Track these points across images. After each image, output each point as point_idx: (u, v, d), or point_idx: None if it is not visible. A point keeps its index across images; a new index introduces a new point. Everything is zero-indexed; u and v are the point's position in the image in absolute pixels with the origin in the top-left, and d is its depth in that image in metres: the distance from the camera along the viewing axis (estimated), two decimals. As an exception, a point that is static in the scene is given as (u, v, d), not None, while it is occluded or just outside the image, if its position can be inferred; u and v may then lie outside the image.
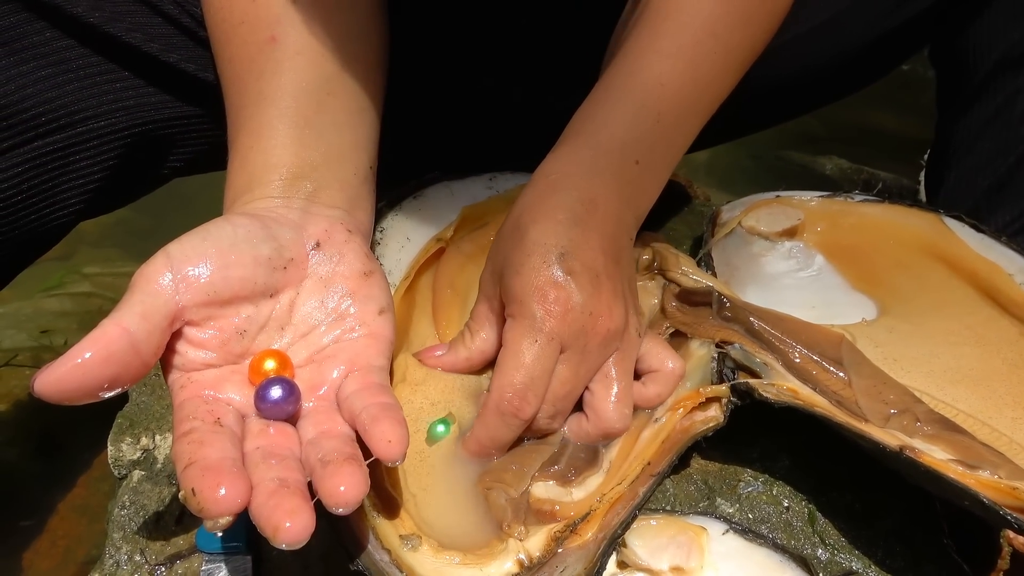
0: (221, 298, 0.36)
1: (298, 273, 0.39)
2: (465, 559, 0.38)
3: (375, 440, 0.32)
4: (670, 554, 0.40)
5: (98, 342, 0.32)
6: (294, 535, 0.29)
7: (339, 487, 0.30)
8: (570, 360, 0.41)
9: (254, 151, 0.41)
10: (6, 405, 0.83)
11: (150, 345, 0.33)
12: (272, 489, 0.30)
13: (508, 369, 0.40)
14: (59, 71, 0.47)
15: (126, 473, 0.50)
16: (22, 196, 0.48)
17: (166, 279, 0.34)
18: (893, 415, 0.43)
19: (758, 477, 0.46)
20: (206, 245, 0.36)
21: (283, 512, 0.29)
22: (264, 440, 0.34)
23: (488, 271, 0.44)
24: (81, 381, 0.31)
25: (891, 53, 0.70)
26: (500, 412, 0.40)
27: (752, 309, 0.47)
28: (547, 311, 0.40)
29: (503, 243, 0.43)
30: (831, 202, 0.57)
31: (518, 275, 0.40)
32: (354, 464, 0.32)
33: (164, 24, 0.51)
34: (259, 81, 0.42)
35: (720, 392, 0.44)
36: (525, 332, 0.40)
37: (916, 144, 1.19)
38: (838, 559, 0.43)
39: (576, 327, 0.40)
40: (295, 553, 0.45)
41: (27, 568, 0.68)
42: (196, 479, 0.30)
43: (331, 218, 0.41)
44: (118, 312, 0.33)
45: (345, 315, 0.39)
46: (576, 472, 0.42)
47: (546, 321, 0.39)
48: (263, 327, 0.38)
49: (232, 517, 0.30)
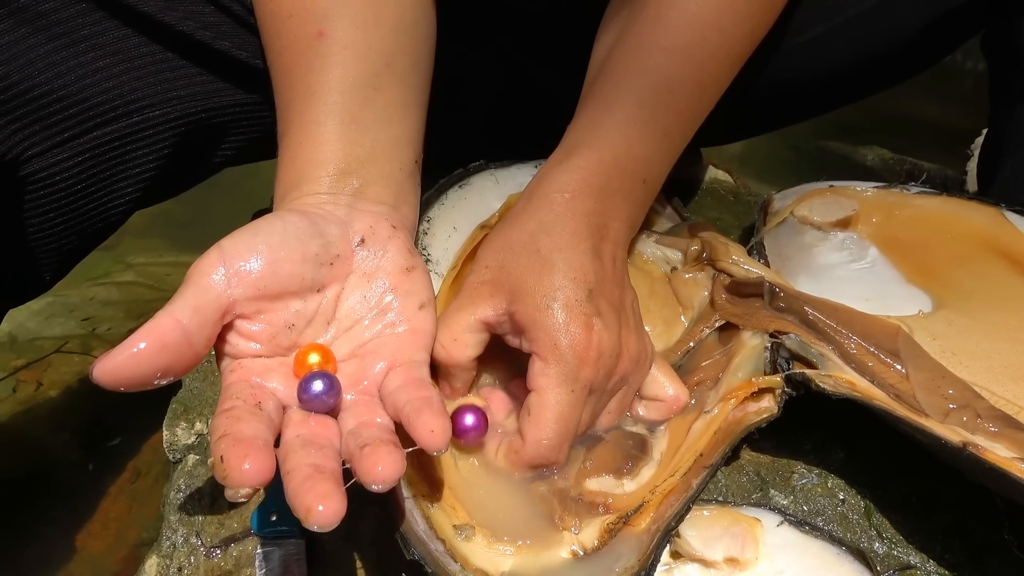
0: (271, 292, 0.37)
1: (344, 269, 0.40)
2: (519, 550, 0.38)
3: (419, 430, 0.33)
4: (724, 545, 0.40)
5: (152, 333, 0.33)
6: (325, 518, 0.30)
7: (376, 466, 0.31)
8: (591, 402, 0.41)
9: (303, 147, 0.42)
10: (57, 391, 0.85)
11: (202, 337, 0.34)
12: (307, 474, 0.31)
13: (546, 420, 0.39)
14: (115, 61, 0.48)
15: (181, 457, 0.51)
16: (82, 185, 0.49)
17: (219, 273, 0.35)
18: (953, 410, 0.42)
19: (812, 469, 0.46)
20: (257, 241, 0.37)
21: (315, 495, 0.30)
22: (304, 429, 0.35)
23: (483, 281, 0.42)
24: (136, 370, 0.32)
25: (943, 40, 0.68)
26: (535, 464, 0.40)
27: (806, 299, 0.47)
28: (582, 358, 0.39)
29: (516, 260, 0.42)
30: (886, 193, 0.56)
31: (548, 311, 0.40)
32: (391, 446, 0.33)
33: (215, 12, 0.52)
34: (307, 76, 0.43)
35: (773, 383, 0.44)
36: (562, 381, 0.39)
37: (958, 134, 1.16)
38: (895, 553, 0.42)
39: (605, 371, 0.40)
40: (347, 538, 0.46)
41: (80, 549, 0.70)
42: (226, 449, 0.31)
43: (376, 214, 0.42)
44: (172, 304, 0.34)
45: (387, 310, 0.40)
46: (633, 463, 0.42)
47: (582, 370, 0.39)
48: (310, 321, 0.39)
49: (251, 490, 0.31)
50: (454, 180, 0.54)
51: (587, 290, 0.40)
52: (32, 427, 0.82)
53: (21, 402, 0.84)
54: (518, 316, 0.41)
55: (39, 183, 0.47)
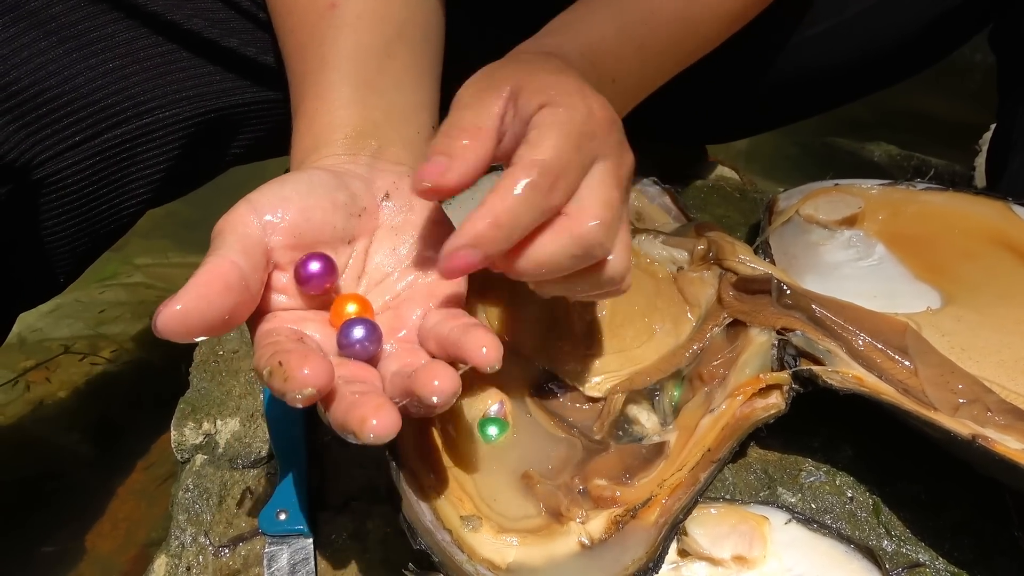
0: (305, 241, 0.36)
1: (371, 222, 0.39)
2: (525, 540, 0.38)
3: (470, 349, 0.32)
4: (732, 543, 0.40)
5: (214, 272, 0.31)
6: (380, 428, 0.29)
7: (433, 380, 0.30)
8: (612, 172, 0.35)
9: (319, 113, 0.41)
10: (65, 392, 0.86)
11: (255, 280, 0.33)
12: (353, 398, 0.30)
13: (544, 143, 0.32)
14: (126, 63, 0.49)
15: (189, 457, 0.51)
16: (94, 187, 0.49)
17: (253, 222, 0.34)
18: (962, 405, 0.42)
19: (820, 467, 0.46)
20: (286, 190, 0.36)
21: (370, 408, 0.29)
22: (346, 371, 0.34)
23: (478, 84, 0.36)
24: (205, 312, 0.30)
25: (950, 35, 0.68)
26: (531, 182, 0.32)
27: (813, 296, 0.47)
28: (592, 113, 0.34)
29: (511, 64, 0.38)
30: (892, 190, 0.56)
31: (562, 74, 0.36)
32: (445, 365, 0.31)
33: (224, 8, 0.52)
34: (321, 47, 0.43)
35: (781, 379, 0.44)
36: (569, 119, 0.33)
37: (966, 129, 1.15)
38: (904, 551, 0.42)
39: (615, 139, 0.36)
40: (354, 536, 0.46)
41: (90, 549, 0.70)
42: (283, 356, 0.30)
43: (398, 172, 0.41)
44: (219, 251, 0.32)
45: (420, 263, 0.39)
46: (630, 475, 0.41)
47: (592, 119, 0.34)
48: (341, 275, 0.38)
49: (315, 391, 0.29)
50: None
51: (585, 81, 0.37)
52: (41, 428, 0.83)
53: (30, 403, 0.85)
54: (526, 87, 0.35)
55: (51, 186, 0.48)
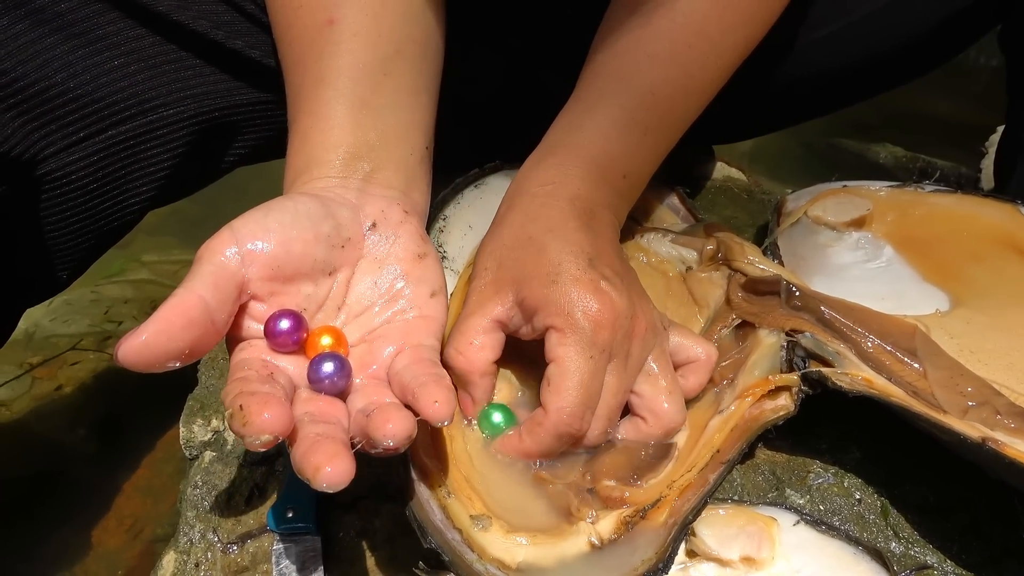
0: (284, 273, 0.36)
1: (354, 253, 0.39)
2: (535, 539, 0.38)
3: (423, 402, 0.33)
4: (740, 544, 0.40)
5: (177, 308, 0.32)
6: (333, 476, 0.29)
7: (387, 423, 0.31)
8: (616, 369, 0.40)
9: (313, 131, 0.42)
10: (71, 388, 0.86)
11: (223, 314, 0.34)
12: (314, 439, 0.31)
13: (567, 388, 0.39)
14: (130, 60, 0.48)
15: (197, 454, 0.51)
16: (98, 184, 0.49)
17: (232, 251, 0.35)
18: (972, 407, 0.42)
19: (828, 469, 0.46)
20: (269, 220, 0.36)
21: (324, 455, 0.29)
22: (313, 407, 0.34)
23: (485, 283, 0.42)
24: (165, 346, 0.31)
25: (957, 37, 0.68)
26: (558, 432, 0.39)
27: (822, 298, 0.47)
28: (596, 322, 0.39)
29: (512, 254, 0.42)
30: (901, 192, 0.56)
31: (556, 284, 0.40)
32: (401, 408, 0.32)
33: (230, 11, 0.52)
34: (318, 63, 0.43)
35: (790, 381, 0.44)
36: (579, 348, 0.39)
37: (972, 131, 1.15)
38: (913, 553, 0.42)
39: (621, 333, 0.40)
40: (362, 535, 0.46)
41: (96, 546, 0.70)
42: (245, 399, 0.31)
43: (388, 198, 0.41)
44: (190, 282, 0.33)
45: (398, 296, 0.39)
46: (638, 476, 0.41)
47: (598, 333, 0.39)
48: (320, 306, 0.38)
49: (272, 438, 0.30)
50: (470, 180, 0.55)
51: (587, 259, 0.40)
52: (48, 424, 0.83)
53: (37, 399, 0.85)
54: (527, 300, 0.40)
55: (56, 182, 0.48)
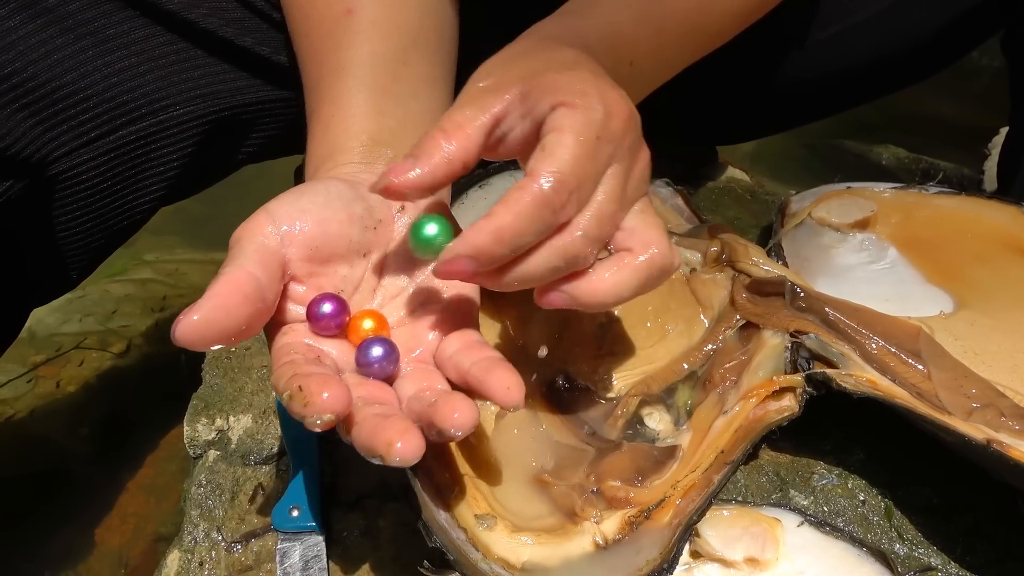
0: (321, 254, 0.36)
1: (386, 234, 0.39)
2: (540, 539, 0.38)
3: (494, 388, 0.32)
4: (744, 545, 0.40)
5: (231, 284, 0.32)
6: (406, 451, 0.29)
7: (453, 412, 0.31)
8: (617, 176, 0.34)
9: (335, 119, 0.42)
10: (76, 387, 0.86)
11: (272, 291, 0.34)
12: (377, 421, 0.31)
13: (561, 154, 0.32)
14: (141, 60, 0.49)
15: (201, 453, 0.51)
16: (108, 184, 0.49)
17: (271, 231, 0.35)
18: (976, 409, 0.42)
19: (832, 470, 0.46)
20: (304, 202, 0.36)
21: (395, 431, 0.29)
22: (364, 391, 0.34)
23: (484, 83, 0.35)
24: (223, 322, 0.31)
25: (961, 40, 0.68)
26: (538, 200, 0.31)
27: (827, 299, 0.47)
28: (611, 110, 0.33)
29: (522, 57, 0.37)
30: (905, 194, 0.56)
31: (573, 71, 0.34)
32: (463, 396, 0.32)
33: (239, 8, 0.52)
34: (337, 53, 0.43)
35: (795, 382, 0.44)
36: (586, 124, 0.32)
37: (975, 132, 1.15)
38: (917, 554, 0.42)
39: (630, 139, 0.35)
40: (366, 534, 0.46)
41: (99, 543, 0.71)
42: (302, 380, 0.30)
43: None
44: (237, 260, 0.33)
45: (432, 277, 0.39)
46: (643, 477, 0.41)
47: (610, 120, 0.33)
48: (357, 287, 0.38)
49: (334, 416, 0.30)
50: (474, 180, 0.55)
51: (601, 71, 0.36)
52: (51, 422, 0.83)
53: (40, 397, 0.85)
54: (535, 89, 0.33)
55: (66, 182, 0.48)
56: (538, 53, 0.37)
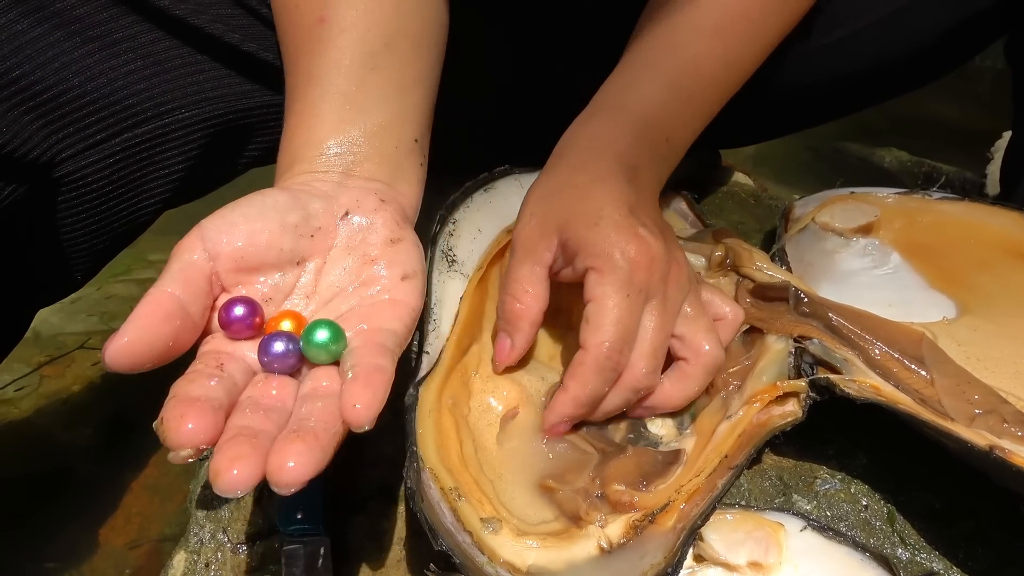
0: (249, 264, 0.37)
1: (325, 242, 0.40)
2: (545, 543, 0.38)
3: (344, 401, 0.31)
4: (748, 549, 0.40)
5: (151, 305, 0.33)
6: (231, 483, 0.28)
7: (286, 462, 0.28)
8: (655, 310, 0.42)
9: (299, 130, 0.43)
10: (80, 387, 0.86)
11: (197, 307, 0.34)
12: (232, 436, 0.30)
13: (604, 323, 0.40)
14: (147, 64, 0.49)
15: (208, 454, 0.51)
16: (113, 186, 0.49)
17: (198, 247, 0.36)
18: (979, 415, 0.42)
19: (835, 475, 0.46)
20: (234, 215, 0.37)
21: (228, 458, 0.28)
22: (256, 391, 0.34)
23: (531, 228, 0.45)
24: (149, 343, 0.32)
25: (964, 45, 0.68)
26: (599, 367, 0.41)
27: (830, 305, 0.47)
28: (634, 263, 0.41)
29: (557, 199, 0.44)
30: (908, 199, 0.56)
31: (597, 227, 0.42)
32: (310, 439, 0.30)
33: (244, 15, 0.53)
34: (308, 62, 0.44)
35: (798, 387, 0.44)
36: (617, 286, 0.41)
37: (978, 136, 1.15)
38: (919, 559, 0.43)
39: (658, 275, 0.42)
40: (371, 537, 0.46)
41: (103, 544, 0.71)
42: (169, 410, 0.30)
43: (365, 189, 0.41)
44: (160, 282, 0.34)
45: (369, 282, 0.39)
46: (647, 481, 0.42)
47: (635, 273, 0.41)
48: (288, 294, 0.38)
49: (193, 451, 0.29)
50: (479, 183, 0.55)
51: (628, 207, 0.43)
52: (55, 422, 0.83)
53: (44, 397, 0.85)
54: (570, 242, 0.42)
55: (72, 184, 0.48)
56: (570, 197, 0.44)
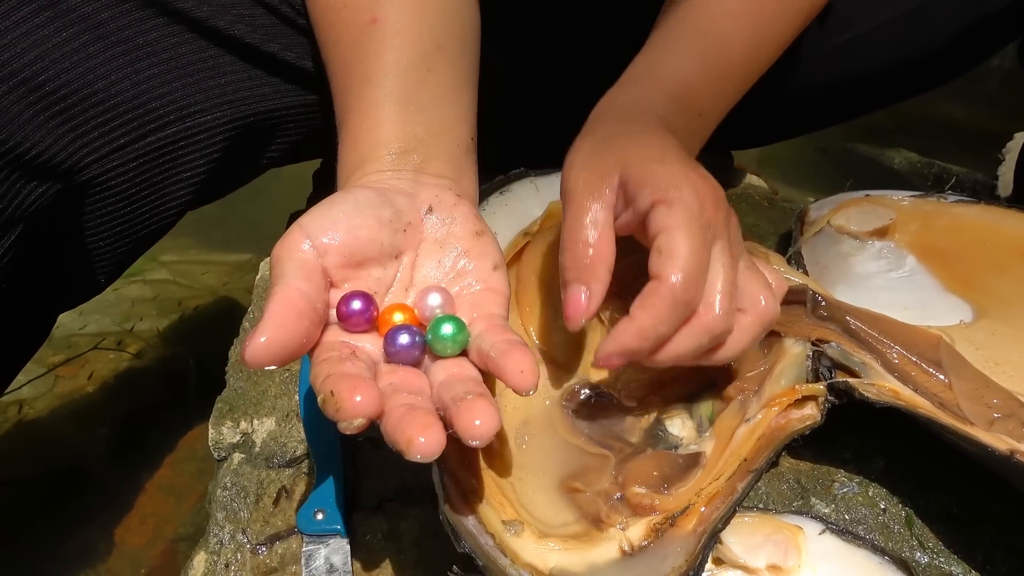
0: (355, 259, 0.38)
1: (416, 236, 0.40)
2: (566, 545, 0.38)
3: (508, 371, 0.34)
4: (767, 552, 0.40)
5: (284, 302, 0.34)
6: (427, 447, 0.30)
7: (474, 420, 0.31)
8: (725, 251, 0.39)
9: (363, 130, 0.43)
10: (94, 387, 0.87)
11: (321, 301, 0.36)
12: (404, 411, 0.32)
13: (679, 252, 0.37)
14: (169, 67, 0.49)
15: (226, 455, 0.52)
16: (136, 190, 0.50)
17: (306, 245, 0.36)
18: (998, 419, 0.42)
19: (853, 478, 0.46)
20: (333, 212, 0.38)
21: (416, 427, 0.30)
22: (395, 378, 0.35)
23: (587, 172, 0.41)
24: (286, 339, 0.33)
25: (976, 47, 0.68)
26: (673, 299, 0.37)
27: (848, 308, 0.47)
28: (703, 197, 0.38)
29: (613, 143, 0.41)
30: (923, 202, 0.56)
31: (663, 163, 0.39)
32: (487, 400, 0.32)
33: (266, 15, 0.53)
34: (363, 63, 0.44)
35: (816, 391, 0.44)
36: (689, 216, 0.38)
37: (987, 137, 1.15)
38: (938, 563, 0.43)
39: (723, 215, 0.39)
40: (389, 538, 0.46)
41: (119, 544, 0.71)
42: (335, 383, 0.32)
43: (440, 185, 0.42)
44: (284, 279, 0.35)
45: (463, 273, 0.40)
46: (667, 484, 0.42)
47: (705, 208, 0.38)
48: (389, 288, 0.39)
49: (365, 421, 0.31)
50: (495, 186, 0.55)
51: (686, 152, 0.41)
52: (70, 423, 0.84)
53: (59, 397, 0.86)
54: (634, 178, 0.39)
55: (96, 188, 0.48)
56: (625, 140, 0.41)
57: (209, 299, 1.00)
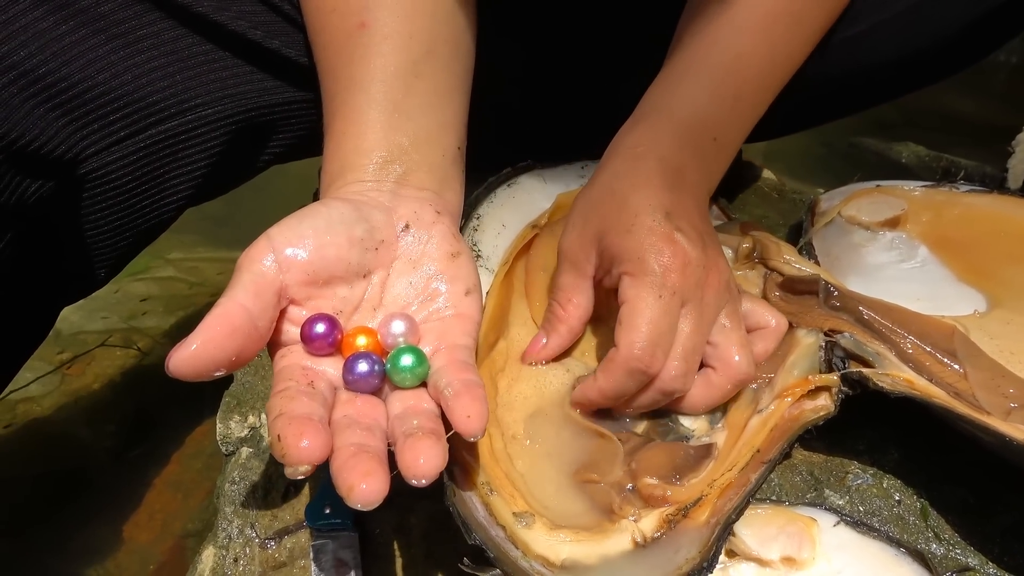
0: (319, 277, 0.37)
1: (389, 254, 0.40)
2: (578, 537, 0.38)
3: (456, 415, 0.33)
4: (781, 544, 0.40)
5: (222, 318, 0.34)
6: (366, 495, 0.30)
7: (418, 459, 0.31)
8: (691, 314, 0.41)
9: (346, 137, 0.43)
10: (100, 384, 0.87)
11: (265, 320, 0.35)
12: (351, 452, 0.31)
13: (636, 325, 0.40)
14: (170, 60, 0.49)
15: (234, 450, 0.52)
16: (137, 183, 0.49)
17: (269, 259, 0.36)
18: (1014, 409, 0.41)
19: (867, 469, 0.45)
20: (303, 227, 0.37)
21: (358, 473, 0.30)
22: (351, 409, 0.35)
23: (573, 238, 0.45)
24: (213, 354, 0.33)
25: (986, 38, 0.67)
26: (629, 368, 0.40)
27: (860, 298, 0.47)
28: (667, 266, 0.41)
29: (597, 208, 0.44)
30: (935, 192, 0.55)
31: (630, 234, 0.42)
32: (434, 438, 0.32)
33: (267, 11, 0.53)
34: (349, 67, 0.44)
35: (830, 381, 0.44)
36: (649, 288, 0.40)
37: (995, 130, 1.14)
38: (953, 555, 0.42)
39: (693, 280, 0.41)
40: (398, 531, 0.46)
41: (127, 540, 0.71)
42: (283, 427, 0.32)
43: (420, 199, 0.42)
44: (232, 291, 0.35)
45: (434, 295, 0.40)
46: (679, 475, 0.41)
47: (668, 276, 0.41)
48: (357, 307, 0.39)
49: (310, 467, 0.31)
50: (503, 179, 0.55)
51: (664, 213, 0.42)
52: (77, 420, 0.84)
53: (66, 395, 0.86)
54: (607, 251, 0.43)
55: (96, 181, 0.48)
56: (606, 207, 0.44)
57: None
